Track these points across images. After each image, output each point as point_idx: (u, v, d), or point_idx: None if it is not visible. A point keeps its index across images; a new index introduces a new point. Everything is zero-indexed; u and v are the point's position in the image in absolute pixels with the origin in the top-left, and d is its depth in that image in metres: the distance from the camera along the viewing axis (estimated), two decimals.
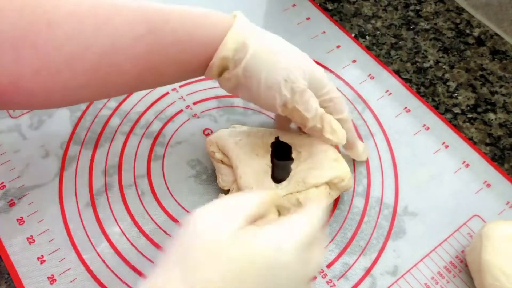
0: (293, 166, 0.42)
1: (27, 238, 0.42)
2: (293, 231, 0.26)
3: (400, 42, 0.58)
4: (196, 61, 0.38)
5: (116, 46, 0.34)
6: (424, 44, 0.58)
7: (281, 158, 0.44)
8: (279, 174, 0.43)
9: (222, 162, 0.44)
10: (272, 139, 0.44)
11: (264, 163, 0.42)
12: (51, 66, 0.33)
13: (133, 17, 0.34)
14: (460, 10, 0.61)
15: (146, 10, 0.35)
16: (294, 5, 0.60)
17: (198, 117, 0.50)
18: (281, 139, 0.44)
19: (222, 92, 0.45)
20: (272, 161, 0.43)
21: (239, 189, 0.43)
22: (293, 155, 0.43)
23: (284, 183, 0.42)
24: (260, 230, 0.26)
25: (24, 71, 0.33)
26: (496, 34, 0.59)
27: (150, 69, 0.36)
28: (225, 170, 0.44)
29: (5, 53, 0.32)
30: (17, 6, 0.32)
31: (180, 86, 0.52)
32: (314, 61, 0.59)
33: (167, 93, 0.52)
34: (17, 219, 0.43)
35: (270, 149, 0.44)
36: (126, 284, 0.40)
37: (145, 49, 0.35)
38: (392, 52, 0.57)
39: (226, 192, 0.44)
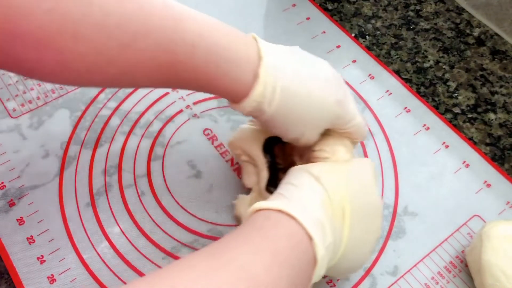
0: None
1: (27, 238, 0.42)
2: None
3: (400, 42, 0.58)
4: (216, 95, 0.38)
5: (137, 68, 0.34)
6: (424, 44, 0.58)
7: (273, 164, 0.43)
8: (272, 183, 0.42)
9: (248, 161, 0.44)
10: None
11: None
12: (72, 71, 0.33)
13: (159, 43, 0.33)
14: (460, 10, 0.61)
15: (174, 36, 0.34)
16: (294, 5, 0.60)
17: (198, 117, 0.50)
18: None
19: None
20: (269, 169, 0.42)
21: (260, 191, 0.42)
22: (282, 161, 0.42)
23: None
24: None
25: (45, 70, 0.33)
26: (496, 34, 0.59)
27: (169, 85, 0.38)
28: (251, 169, 0.43)
29: (29, 52, 0.31)
30: (46, 8, 0.30)
31: None
32: None
33: (167, 93, 0.52)
34: (17, 219, 0.43)
35: (262, 152, 0.42)
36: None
37: (165, 76, 0.35)
38: (392, 52, 0.57)
39: (248, 191, 0.44)
